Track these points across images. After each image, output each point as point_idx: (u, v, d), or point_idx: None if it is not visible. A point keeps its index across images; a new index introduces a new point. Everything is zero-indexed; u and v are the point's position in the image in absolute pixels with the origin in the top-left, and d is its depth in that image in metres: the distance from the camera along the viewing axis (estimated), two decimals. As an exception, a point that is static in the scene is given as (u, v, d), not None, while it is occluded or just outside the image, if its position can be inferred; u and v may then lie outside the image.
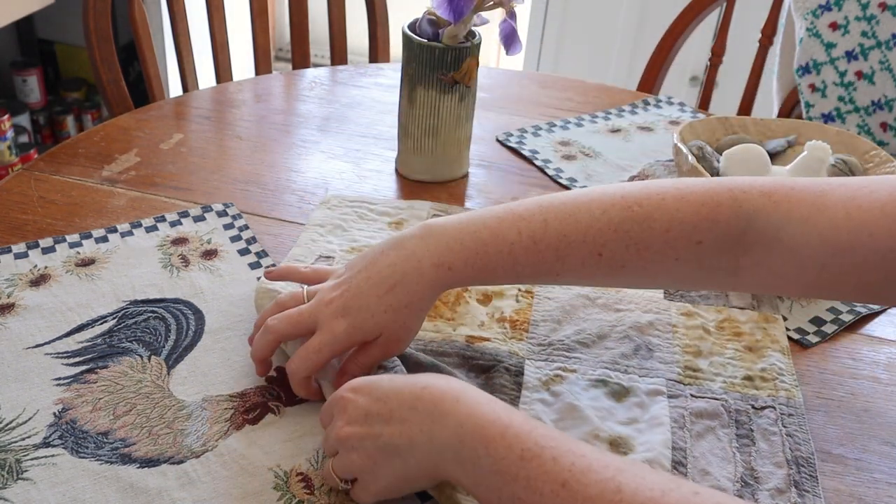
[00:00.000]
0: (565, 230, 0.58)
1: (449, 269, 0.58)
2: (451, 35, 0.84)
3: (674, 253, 0.58)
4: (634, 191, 0.59)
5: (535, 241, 0.58)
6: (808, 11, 1.28)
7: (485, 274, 0.59)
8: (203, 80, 1.36)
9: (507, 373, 0.65)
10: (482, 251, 0.58)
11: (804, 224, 0.55)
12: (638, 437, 0.60)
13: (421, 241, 0.59)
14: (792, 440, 0.61)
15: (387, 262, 0.59)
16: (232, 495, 0.55)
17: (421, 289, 0.58)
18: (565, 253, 0.58)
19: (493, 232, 0.58)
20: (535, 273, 0.59)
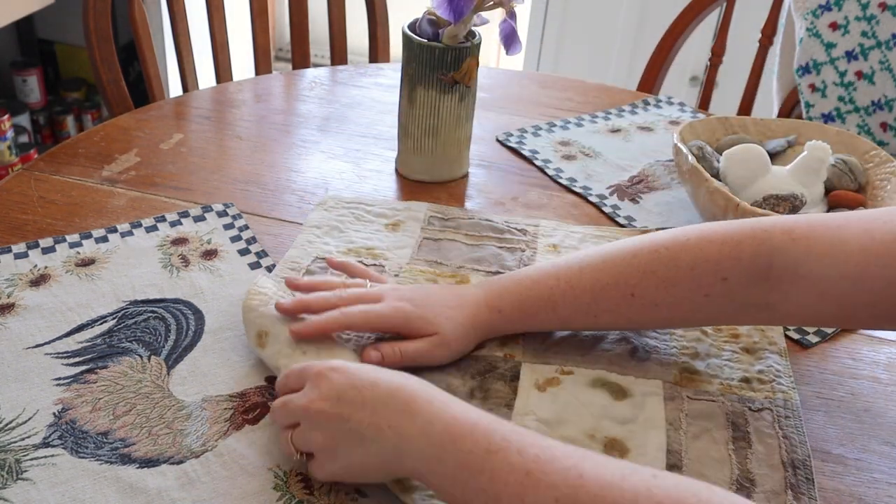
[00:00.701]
0: (599, 275, 0.64)
1: (499, 312, 0.66)
2: (451, 35, 0.84)
3: (702, 290, 0.62)
4: (662, 236, 0.64)
5: (572, 287, 0.65)
6: (808, 11, 1.28)
7: (529, 317, 0.66)
8: (203, 80, 1.36)
9: (502, 379, 0.65)
10: (525, 296, 0.66)
11: (823, 259, 0.58)
12: (633, 440, 0.60)
13: (478, 287, 0.68)
14: (788, 442, 0.61)
15: (451, 292, 0.67)
16: (232, 495, 0.55)
17: (477, 319, 0.66)
18: (600, 295, 0.64)
19: (535, 280, 0.66)
20: (573, 315, 0.65)
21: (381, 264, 0.77)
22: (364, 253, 0.78)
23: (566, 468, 0.45)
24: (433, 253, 0.79)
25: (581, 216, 0.89)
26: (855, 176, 0.87)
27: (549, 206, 0.91)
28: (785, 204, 0.80)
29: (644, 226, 0.88)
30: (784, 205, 0.80)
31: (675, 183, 0.96)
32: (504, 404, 0.62)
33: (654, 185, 0.95)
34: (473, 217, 0.85)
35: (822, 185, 0.86)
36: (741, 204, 0.78)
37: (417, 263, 0.78)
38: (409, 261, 0.78)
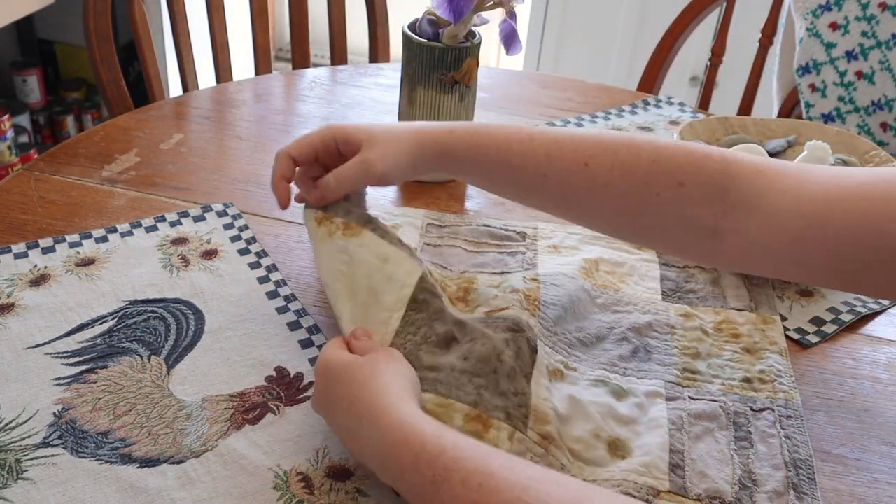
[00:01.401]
0: (559, 137, 0.63)
1: (450, 132, 0.65)
2: (451, 35, 0.84)
3: (655, 188, 0.60)
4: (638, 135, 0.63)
5: (531, 138, 0.64)
6: (808, 11, 1.28)
7: (479, 151, 0.65)
8: (203, 80, 1.36)
9: (528, 343, 0.62)
10: (483, 131, 0.65)
11: (784, 195, 0.56)
12: (635, 440, 0.60)
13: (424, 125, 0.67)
14: (790, 442, 0.61)
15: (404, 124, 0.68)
16: (232, 495, 0.55)
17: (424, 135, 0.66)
18: (556, 155, 0.62)
19: (499, 125, 0.66)
20: (523, 166, 0.64)
21: None
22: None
23: (509, 500, 0.44)
24: (436, 258, 0.79)
25: (581, 216, 0.89)
26: (855, 176, 0.87)
27: (549, 206, 0.91)
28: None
29: (644, 226, 0.87)
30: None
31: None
32: (524, 374, 0.60)
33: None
34: (471, 223, 0.85)
35: (822, 185, 0.86)
36: (741, 204, 0.78)
37: None
38: None
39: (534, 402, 0.58)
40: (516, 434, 0.56)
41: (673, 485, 0.57)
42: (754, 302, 0.75)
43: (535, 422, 0.57)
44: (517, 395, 0.58)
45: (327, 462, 0.58)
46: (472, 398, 0.57)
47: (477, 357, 0.59)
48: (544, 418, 0.58)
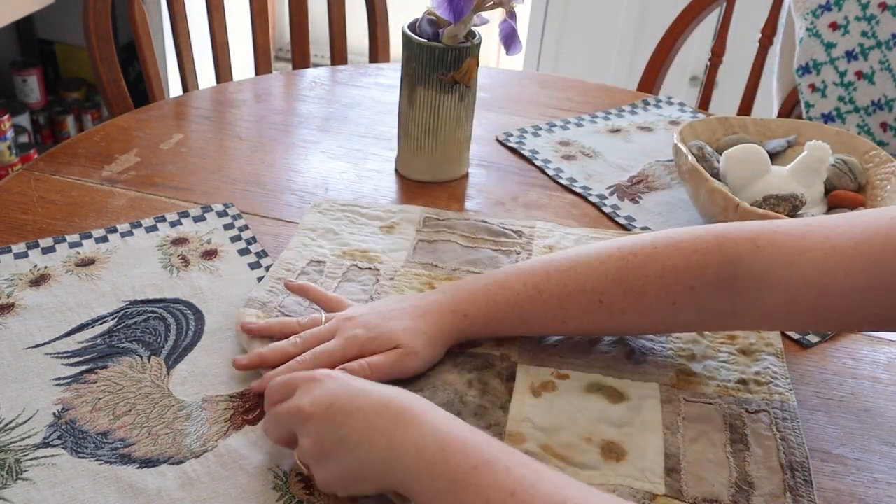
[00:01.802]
0: (566, 280, 0.64)
1: (465, 317, 0.64)
2: (451, 35, 0.84)
3: (670, 298, 0.62)
4: (629, 242, 0.64)
5: (539, 291, 0.64)
6: (808, 11, 1.28)
7: (496, 322, 0.65)
8: (203, 80, 1.36)
9: (499, 377, 0.65)
10: (492, 300, 0.64)
11: (789, 268, 0.58)
12: (630, 443, 0.60)
13: (441, 293, 0.66)
14: (786, 444, 0.61)
15: (410, 304, 0.65)
16: (231, 495, 0.55)
17: (440, 326, 0.64)
18: (567, 301, 0.63)
19: (502, 284, 0.65)
20: (541, 321, 0.65)
21: (376, 268, 0.77)
22: (359, 256, 0.78)
23: (551, 493, 0.44)
24: (428, 255, 0.79)
25: (581, 216, 0.89)
26: (855, 176, 0.87)
27: (548, 206, 0.91)
28: (785, 204, 0.80)
29: (644, 226, 0.88)
30: (784, 205, 0.80)
31: (675, 183, 0.96)
32: (500, 405, 0.62)
33: (654, 185, 0.95)
34: (469, 218, 0.85)
35: (822, 185, 0.86)
36: (741, 204, 0.78)
37: (412, 266, 0.77)
38: (404, 264, 0.78)
39: (508, 429, 0.60)
40: None
41: (669, 489, 0.57)
42: None
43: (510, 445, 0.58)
44: (489, 427, 0.60)
45: (327, 462, 0.58)
46: None
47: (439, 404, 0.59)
48: (520, 438, 0.59)
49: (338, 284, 0.74)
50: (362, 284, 0.74)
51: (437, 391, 0.62)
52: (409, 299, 0.67)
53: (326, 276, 0.75)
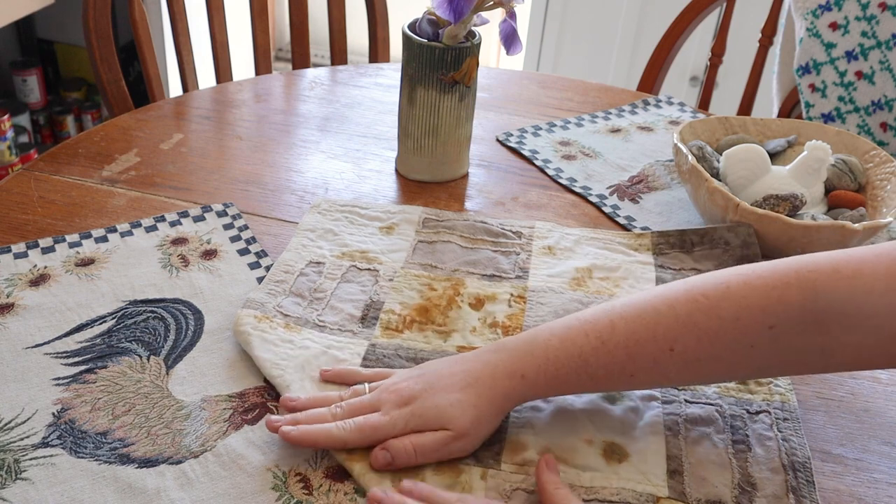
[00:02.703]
0: (633, 328, 0.58)
1: (522, 378, 0.58)
2: (451, 35, 0.84)
3: (747, 340, 0.56)
4: (699, 283, 0.58)
5: (603, 342, 0.58)
6: (808, 11, 1.28)
7: (558, 381, 0.58)
8: (203, 80, 1.36)
9: None
10: (553, 357, 0.58)
11: (871, 294, 0.53)
12: (632, 445, 0.60)
13: (495, 353, 0.60)
14: (788, 445, 0.61)
15: (461, 368, 0.59)
16: (230, 495, 0.55)
17: (493, 394, 0.58)
18: (635, 351, 0.57)
19: (562, 338, 0.59)
20: (608, 375, 0.58)
21: (375, 269, 0.77)
22: (358, 256, 0.78)
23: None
24: (428, 256, 0.79)
25: (581, 216, 0.89)
26: (855, 176, 0.87)
27: (548, 206, 0.91)
28: (785, 204, 0.80)
29: (644, 226, 0.88)
30: (784, 205, 0.80)
31: (675, 183, 0.96)
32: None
33: (654, 185, 0.95)
34: (469, 219, 0.85)
35: (822, 185, 0.86)
36: (741, 204, 0.78)
37: (412, 267, 0.77)
38: (403, 264, 0.78)
39: (508, 436, 0.60)
40: (489, 471, 0.57)
41: (672, 491, 0.57)
42: None
43: (509, 453, 0.59)
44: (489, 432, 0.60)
45: (326, 463, 0.58)
46: None
47: None
48: (521, 447, 0.59)
49: (337, 285, 0.74)
50: (361, 285, 0.74)
51: None
52: (460, 362, 0.60)
53: (325, 277, 0.75)
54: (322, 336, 0.68)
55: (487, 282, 0.76)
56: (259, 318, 0.68)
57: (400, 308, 0.72)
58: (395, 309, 0.72)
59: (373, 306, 0.72)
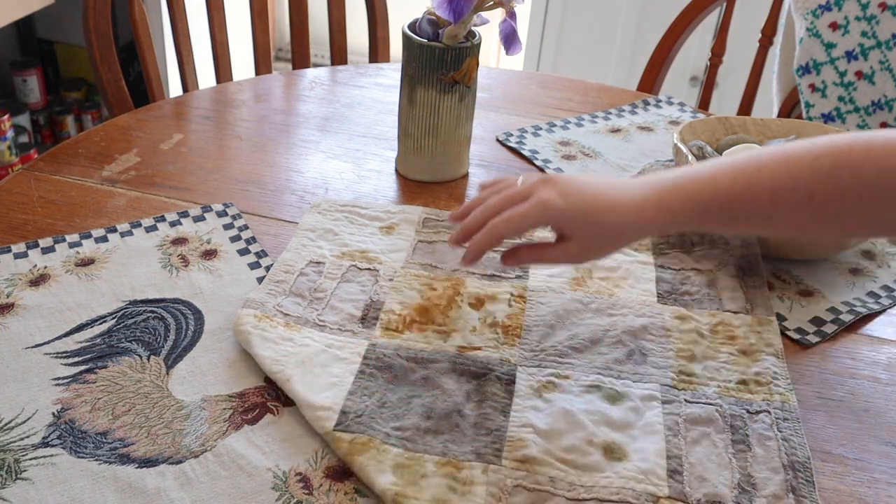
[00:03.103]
0: (778, 176, 0.60)
1: (668, 210, 0.62)
2: (451, 35, 0.84)
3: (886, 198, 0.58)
4: (844, 140, 0.60)
5: (749, 186, 0.61)
6: (808, 11, 1.28)
7: (701, 217, 0.62)
8: (203, 80, 1.36)
9: (499, 381, 0.65)
10: (701, 194, 0.62)
11: None
12: (632, 445, 0.60)
13: (645, 186, 0.63)
14: (788, 444, 0.61)
15: (616, 187, 0.64)
16: (230, 495, 0.55)
17: (635, 222, 0.62)
18: (779, 198, 0.60)
19: (712, 178, 0.62)
20: (748, 218, 0.62)
21: (375, 269, 0.77)
22: (358, 256, 0.78)
23: None
24: (427, 256, 0.79)
25: (581, 216, 0.89)
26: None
27: (548, 206, 0.91)
28: (785, 204, 0.80)
29: (644, 226, 0.87)
30: (784, 205, 0.80)
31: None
32: (500, 410, 0.62)
33: (653, 185, 0.95)
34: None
35: (822, 185, 0.86)
36: (741, 204, 0.78)
37: (412, 267, 0.77)
38: (403, 264, 0.78)
39: (509, 434, 0.60)
40: (490, 467, 0.58)
41: (672, 490, 0.57)
42: (750, 304, 0.75)
43: (511, 450, 0.59)
44: (490, 433, 0.60)
45: (326, 462, 0.58)
46: (441, 450, 0.59)
47: (438, 415, 0.61)
48: (521, 444, 0.59)
49: (337, 285, 0.74)
50: (361, 285, 0.74)
51: (437, 400, 0.63)
52: (614, 186, 0.64)
53: (325, 277, 0.75)
54: (322, 335, 0.68)
55: (487, 281, 0.76)
56: (259, 318, 0.68)
57: (400, 308, 0.72)
58: (395, 309, 0.72)
59: (373, 306, 0.72)
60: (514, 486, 0.56)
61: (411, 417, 0.61)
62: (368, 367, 0.65)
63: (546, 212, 0.62)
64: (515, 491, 0.56)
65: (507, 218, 0.62)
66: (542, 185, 0.63)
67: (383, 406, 0.62)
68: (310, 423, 0.60)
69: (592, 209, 0.62)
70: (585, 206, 0.62)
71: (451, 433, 0.60)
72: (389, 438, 0.59)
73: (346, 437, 0.58)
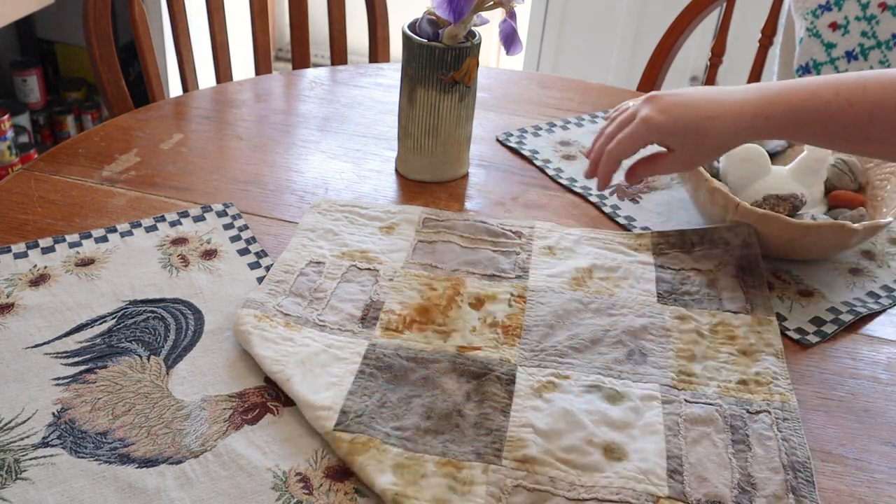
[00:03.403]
0: (881, 96, 0.61)
1: (766, 119, 0.65)
2: (451, 35, 0.84)
3: None
4: None
5: (850, 103, 0.62)
6: (808, 11, 1.28)
7: (797, 128, 0.65)
8: (203, 80, 1.36)
9: (499, 381, 0.65)
10: (799, 105, 0.64)
11: None
12: (632, 444, 0.60)
13: (746, 93, 0.67)
14: (787, 444, 0.61)
15: (714, 97, 0.68)
16: (230, 495, 0.55)
17: (736, 130, 0.67)
18: (878, 118, 0.62)
19: (812, 91, 0.64)
20: (845, 134, 0.63)
21: (375, 269, 0.77)
22: (358, 256, 0.78)
23: None
24: (427, 256, 0.79)
25: (581, 216, 0.89)
26: (855, 176, 0.87)
27: (548, 206, 0.91)
28: (785, 204, 0.80)
29: (644, 226, 0.87)
30: (784, 205, 0.80)
31: (675, 183, 0.96)
32: (500, 410, 0.62)
33: (654, 185, 0.95)
34: (469, 219, 0.85)
35: (822, 185, 0.86)
36: (741, 204, 0.78)
37: (412, 267, 0.77)
38: (403, 264, 0.78)
39: (509, 434, 0.60)
40: (490, 467, 0.58)
41: (672, 490, 0.57)
42: (750, 304, 0.75)
43: (511, 450, 0.59)
44: (490, 433, 0.60)
45: (326, 462, 0.58)
46: (441, 450, 0.59)
47: (438, 415, 0.61)
48: (521, 444, 0.59)
49: (337, 285, 0.74)
50: (361, 285, 0.75)
51: (437, 400, 0.63)
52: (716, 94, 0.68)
53: (325, 277, 0.75)
54: (322, 335, 0.68)
55: (487, 281, 0.76)
56: (259, 318, 0.68)
57: (400, 308, 0.72)
58: (395, 309, 0.72)
59: (373, 306, 0.72)
60: (514, 486, 0.56)
61: (411, 417, 0.61)
62: (368, 367, 0.65)
63: (650, 129, 0.68)
64: (515, 491, 0.56)
65: (618, 141, 0.69)
66: (645, 104, 0.69)
67: (383, 406, 0.62)
68: (310, 423, 0.60)
69: (693, 120, 0.67)
70: (687, 119, 0.67)
71: (451, 433, 0.60)
72: (389, 438, 0.59)
73: (346, 437, 0.58)
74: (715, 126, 0.66)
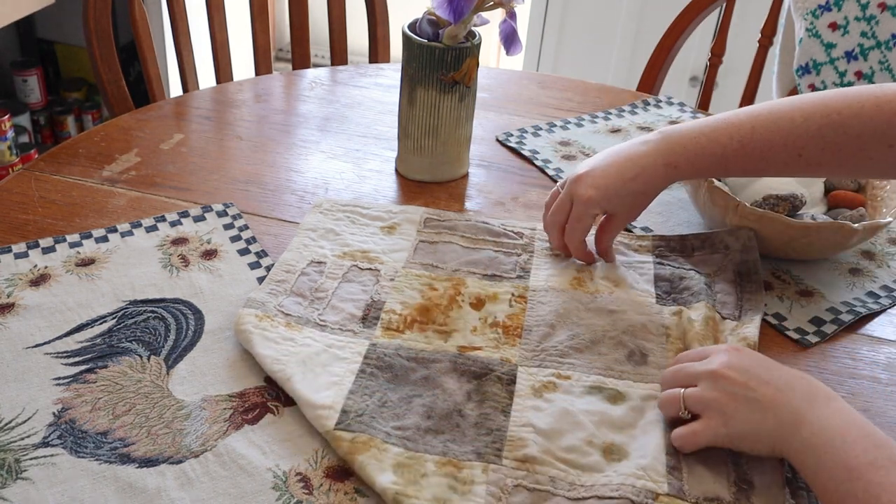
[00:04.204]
0: (770, 136, 0.69)
1: (675, 168, 0.73)
2: (451, 35, 0.84)
3: (867, 153, 0.67)
4: (836, 99, 0.68)
5: (743, 146, 0.70)
6: (807, 11, 1.28)
7: (700, 172, 0.74)
8: (203, 80, 1.36)
9: (499, 381, 0.65)
10: (700, 153, 0.72)
11: None
12: (632, 443, 0.60)
13: (656, 145, 0.74)
14: None
15: (628, 157, 0.74)
16: (230, 495, 0.55)
17: (654, 181, 0.74)
18: (769, 155, 0.70)
19: (710, 138, 0.72)
20: (743, 172, 0.73)
21: (376, 269, 0.77)
22: (359, 256, 0.78)
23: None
24: (429, 256, 0.79)
25: (581, 216, 0.89)
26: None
27: (548, 206, 0.91)
28: (785, 204, 0.80)
29: (644, 226, 0.88)
30: (784, 205, 0.80)
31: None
32: (501, 410, 0.62)
33: (653, 185, 0.95)
34: (470, 219, 0.85)
35: (821, 185, 0.86)
36: (741, 204, 0.78)
37: (413, 267, 0.77)
38: (404, 264, 0.78)
39: (510, 434, 0.60)
40: (490, 466, 0.58)
41: (671, 487, 0.57)
42: (739, 310, 0.75)
43: (511, 450, 0.59)
44: (490, 433, 0.60)
45: (326, 462, 0.58)
46: (441, 449, 0.59)
47: (439, 415, 0.61)
48: (521, 444, 0.59)
49: (338, 285, 0.74)
50: (362, 285, 0.75)
51: (437, 400, 0.63)
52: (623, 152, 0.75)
53: (327, 277, 0.75)
54: (323, 335, 0.68)
55: (488, 281, 0.76)
56: (260, 318, 0.68)
57: (401, 308, 0.72)
58: (396, 309, 0.72)
59: (374, 306, 0.72)
60: (514, 485, 0.56)
61: (412, 417, 0.61)
62: (369, 367, 0.65)
63: (590, 206, 0.74)
64: (516, 490, 0.56)
65: (571, 228, 0.76)
66: (574, 186, 0.75)
67: (384, 405, 0.62)
68: (310, 423, 0.61)
69: (619, 185, 0.74)
70: (616, 186, 0.74)
71: (451, 433, 0.60)
72: (390, 438, 0.59)
73: (347, 437, 0.58)
74: (638, 184, 0.74)
